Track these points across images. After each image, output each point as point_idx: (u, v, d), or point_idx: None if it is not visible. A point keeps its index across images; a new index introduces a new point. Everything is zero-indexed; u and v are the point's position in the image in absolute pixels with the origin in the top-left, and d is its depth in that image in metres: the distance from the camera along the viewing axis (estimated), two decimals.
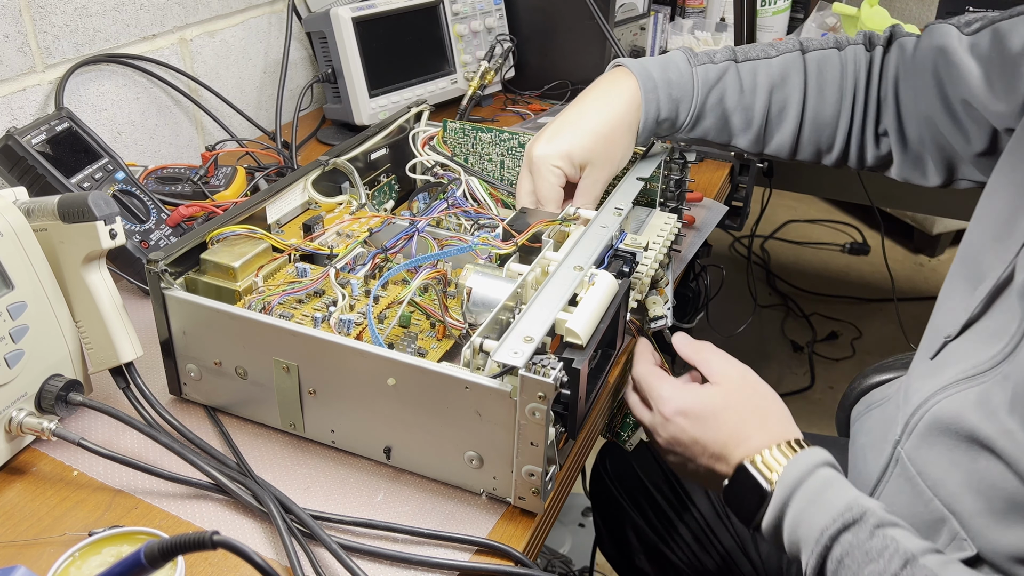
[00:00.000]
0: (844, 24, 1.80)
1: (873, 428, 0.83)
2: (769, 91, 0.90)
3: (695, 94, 0.89)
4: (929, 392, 0.71)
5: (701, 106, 0.89)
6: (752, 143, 0.93)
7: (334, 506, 0.67)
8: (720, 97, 0.90)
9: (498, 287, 0.73)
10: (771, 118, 0.91)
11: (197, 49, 1.26)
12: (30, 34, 1.02)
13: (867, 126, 0.92)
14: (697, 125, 0.91)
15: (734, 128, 0.91)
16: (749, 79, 0.90)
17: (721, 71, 0.90)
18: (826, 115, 0.91)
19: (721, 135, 0.92)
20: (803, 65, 0.91)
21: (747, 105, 0.90)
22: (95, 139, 0.93)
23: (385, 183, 1.00)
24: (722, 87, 0.90)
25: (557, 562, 1.57)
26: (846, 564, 0.62)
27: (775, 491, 0.67)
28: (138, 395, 0.71)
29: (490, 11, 1.47)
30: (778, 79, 0.90)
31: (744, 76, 0.90)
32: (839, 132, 0.92)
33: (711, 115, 0.90)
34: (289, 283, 0.78)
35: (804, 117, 0.91)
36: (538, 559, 0.70)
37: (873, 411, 0.85)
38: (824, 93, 0.91)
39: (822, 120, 0.92)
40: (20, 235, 0.67)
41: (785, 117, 0.91)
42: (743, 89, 0.90)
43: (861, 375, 0.99)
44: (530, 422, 0.60)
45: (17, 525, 0.65)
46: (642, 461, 1.11)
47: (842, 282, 2.74)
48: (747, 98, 0.90)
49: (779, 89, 0.90)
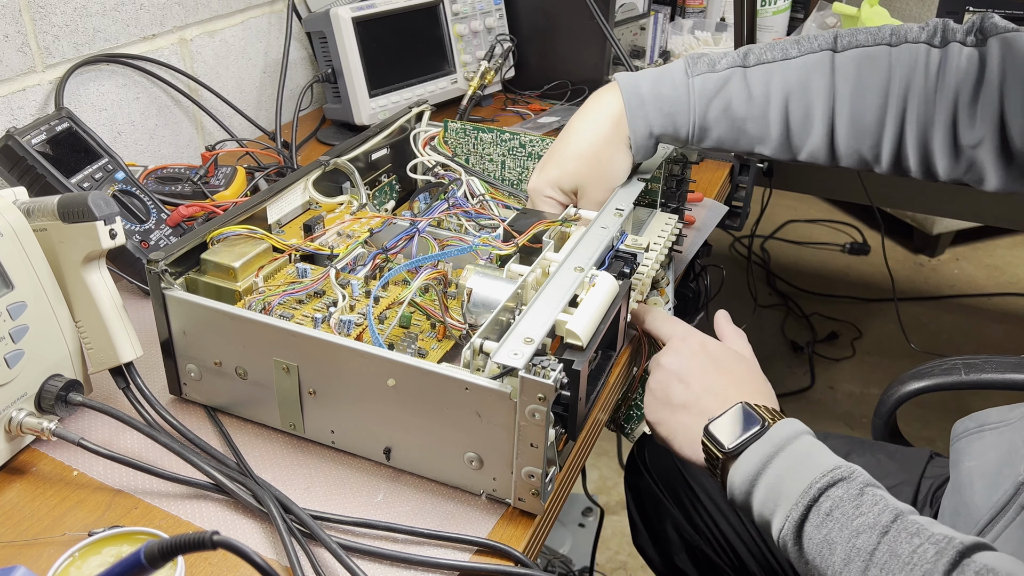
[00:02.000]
0: (844, 24, 1.80)
1: (986, 452, 0.79)
2: (785, 96, 0.82)
3: (692, 107, 0.82)
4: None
5: (702, 118, 0.83)
6: (779, 150, 0.85)
7: (334, 506, 0.67)
8: (724, 107, 0.82)
9: (498, 288, 0.73)
10: (793, 125, 0.83)
11: (197, 49, 1.26)
12: (30, 34, 1.02)
13: (933, 135, 0.80)
14: (705, 136, 0.84)
15: (751, 137, 0.84)
16: (759, 86, 0.82)
17: (723, 80, 0.82)
18: (867, 120, 0.81)
19: (739, 144, 0.85)
20: (832, 66, 0.81)
21: (759, 113, 0.82)
22: (95, 139, 0.93)
23: (386, 183, 1.00)
24: (725, 97, 0.82)
25: (557, 562, 1.57)
26: (835, 517, 0.61)
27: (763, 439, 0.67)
28: (138, 395, 0.71)
29: (490, 11, 1.47)
30: (796, 83, 0.82)
31: (753, 83, 0.82)
32: (886, 140, 0.81)
33: (719, 126, 0.83)
34: (289, 283, 0.78)
35: (835, 123, 0.82)
36: (538, 559, 0.70)
37: (986, 433, 0.81)
38: (864, 97, 0.80)
39: (862, 126, 0.81)
40: (20, 235, 0.67)
41: (811, 123, 0.82)
42: (752, 96, 0.82)
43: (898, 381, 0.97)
44: (530, 423, 0.60)
45: (17, 525, 0.65)
46: None
47: (842, 282, 2.74)
48: (758, 106, 0.82)
49: (798, 94, 0.81)
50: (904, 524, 0.59)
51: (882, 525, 0.59)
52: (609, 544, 1.81)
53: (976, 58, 0.77)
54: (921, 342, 2.41)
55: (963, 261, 2.90)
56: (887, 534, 0.59)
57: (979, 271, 2.84)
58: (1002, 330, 2.55)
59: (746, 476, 0.67)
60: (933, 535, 0.57)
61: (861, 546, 0.59)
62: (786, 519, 0.63)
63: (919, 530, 0.58)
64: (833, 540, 0.61)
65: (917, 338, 2.42)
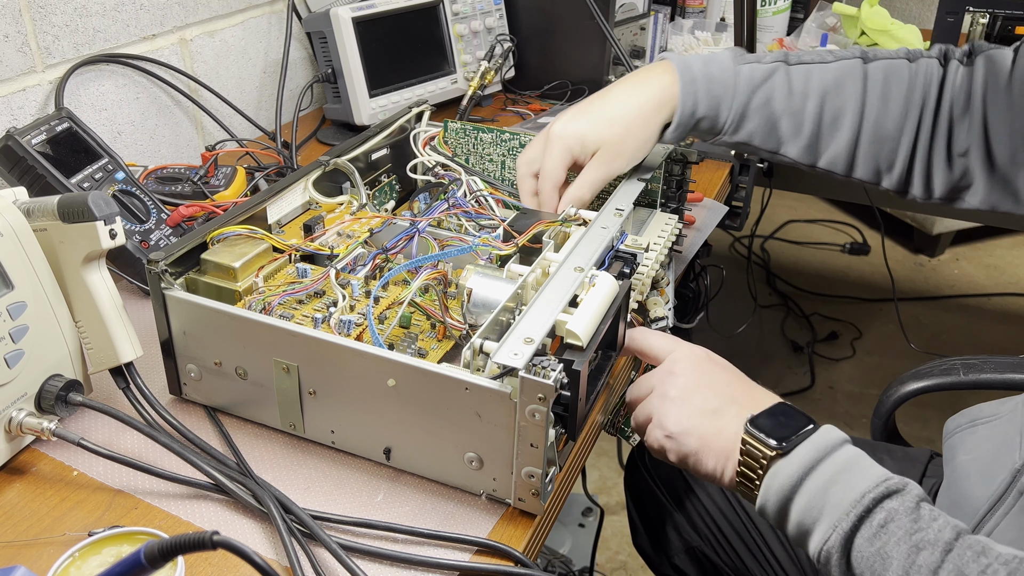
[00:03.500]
0: (844, 24, 1.80)
1: (980, 446, 0.78)
2: (822, 96, 0.85)
3: (736, 92, 0.84)
4: None
5: (744, 106, 0.85)
6: (803, 152, 0.87)
7: (334, 506, 0.67)
8: (766, 99, 0.85)
9: (498, 288, 0.73)
10: (824, 126, 0.86)
11: (197, 49, 1.26)
12: (30, 34, 1.02)
13: (936, 145, 0.86)
14: (741, 127, 0.86)
15: (783, 134, 0.86)
16: (800, 82, 0.85)
17: (769, 71, 0.85)
18: (888, 128, 0.85)
19: (768, 140, 0.87)
20: (863, 72, 0.86)
21: (796, 109, 0.85)
22: (95, 139, 0.93)
23: (386, 183, 1.00)
24: (769, 88, 0.85)
25: (557, 562, 1.57)
26: (890, 530, 0.57)
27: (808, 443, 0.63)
28: (138, 395, 0.71)
29: (490, 11, 1.47)
30: (832, 85, 0.85)
31: (794, 79, 0.85)
32: (901, 149, 0.86)
33: (756, 117, 0.85)
34: (289, 283, 0.78)
35: (862, 128, 0.86)
36: (538, 559, 0.70)
37: (979, 428, 0.81)
38: (888, 105, 0.85)
39: (883, 133, 0.85)
40: (20, 235, 0.67)
41: (840, 126, 0.85)
42: (792, 92, 0.85)
43: (898, 381, 0.97)
44: (530, 423, 0.60)
45: (17, 525, 0.65)
46: None
47: (842, 282, 2.74)
48: (796, 102, 0.85)
49: (833, 95, 0.85)
50: (968, 543, 0.56)
51: (945, 542, 0.56)
52: (609, 544, 1.81)
53: (966, 74, 0.85)
54: (921, 342, 2.41)
55: (963, 261, 2.90)
56: (951, 552, 0.56)
57: (979, 271, 2.84)
58: (1002, 330, 2.55)
59: (787, 481, 0.62)
60: (1001, 555, 0.55)
61: (923, 563, 0.56)
62: (833, 529, 0.59)
63: (985, 549, 0.56)
64: (888, 554, 0.57)
65: (917, 338, 2.42)
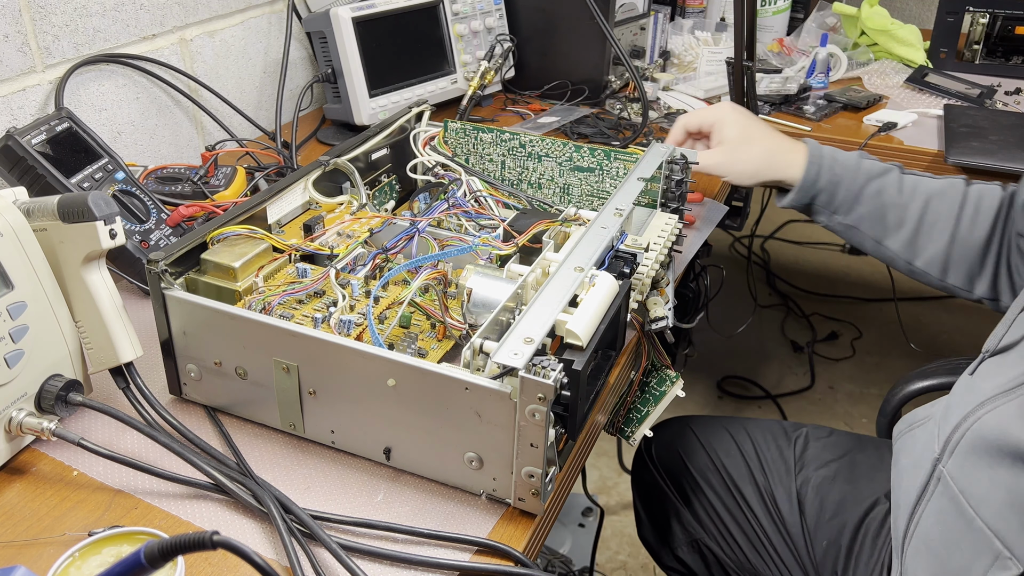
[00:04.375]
0: (844, 24, 1.80)
1: (915, 447, 0.82)
2: (926, 200, 0.97)
3: (857, 177, 0.99)
4: (968, 408, 0.71)
5: (860, 191, 0.99)
6: (904, 247, 0.99)
7: (334, 506, 0.67)
8: (879, 190, 0.98)
9: (498, 288, 0.73)
10: (924, 226, 0.97)
11: (197, 49, 1.26)
12: (30, 34, 1.02)
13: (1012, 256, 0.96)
14: (853, 209, 1.00)
15: (888, 224, 0.99)
16: (909, 185, 0.99)
17: (885, 169, 1.00)
18: (977, 237, 0.96)
19: (875, 228, 1.00)
20: (964, 188, 0.98)
21: (903, 205, 0.98)
22: (95, 139, 0.93)
23: (386, 183, 1.00)
24: (882, 182, 0.99)
25: (557, 562, 1.57)
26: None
27: None
28: (138, 395, 0.71)
29: (490, 11, 1.47)
30: (936, 192, 0.98)
31: (905, 181, 0.99)
32: (990, 257, 0.96)
33: (868, 204, 0.99)
34: (289, 283, 0.78)
35: (956, 234, 0.96)
36: (538, 559, 0.70)
37: (915, 430, 0.84)
38: (979, 217, 0.96)
39: (974, 242, 0.96)
40: (20, 235, 0.67)
41: (937, 229, 0.97)
42: (902, 191, 0.98)
43: (903, 380, 1.00)
44: (530, 423, 0.60)
45: (17, 525, 0.65)
46: (689, 447, 1.11)
47: (842, 282, 2.74)
48: (904, 199, 0.98)
49: (936, 201, 0.97)
50: None
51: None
52: (609, 544, 1.81)
53: None
54: (921, 342, 2.41)
55: None
56: None
57: None
58: None
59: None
60: None
61: None
62: None
63: None
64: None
65: (917, 338, 2.42)
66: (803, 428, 1.11)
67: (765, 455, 1.07)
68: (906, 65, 1.71)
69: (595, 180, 0.98)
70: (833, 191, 1.00)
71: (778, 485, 1.05)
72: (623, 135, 1.36)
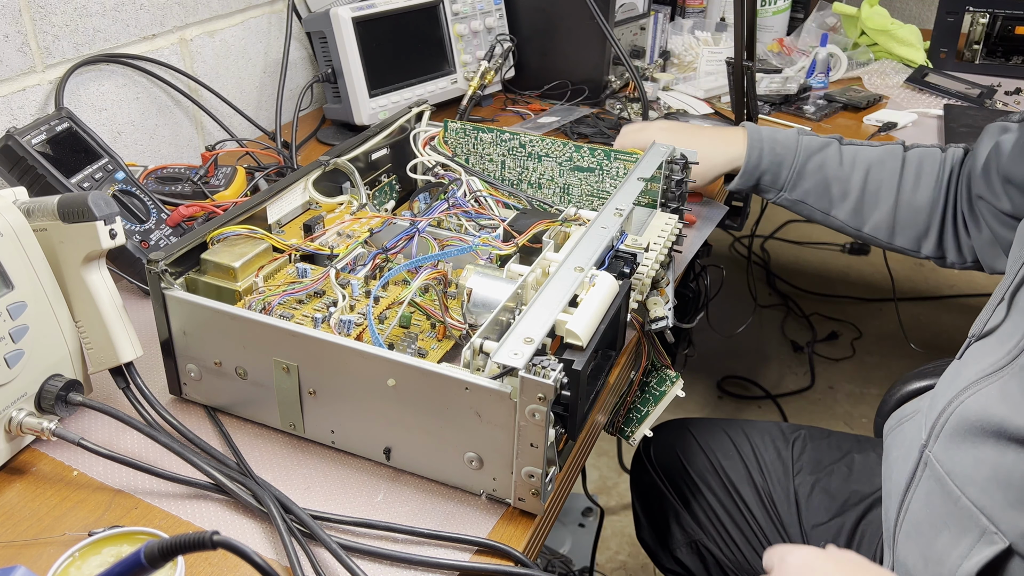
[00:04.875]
0: (844, 24, 1.80)
1: (904, 441, 0.83)
2: (866, 169, 1.02)
3: (797, 155, 1.03)
4: (953, 393, 0.72)
5: (802, 167, 1.03)
6: (851, 215, 1.04)
7: (334, 506, 0.67)
8: (820, 164, 1.03)
9: (498, 288, 0.73)
10: (867, 195, 1.02)
11: (197, 49, 1.26)
12: (30, 34, 1.02)
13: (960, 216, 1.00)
14: (798, 185, 1.04)
15: (833, 196, 1.04)
16: (849, 156, 1.03)
17: (824, 143, 1.04)
18: (921, 200, 1.01)
19: (821, 201, 1.04)
20: (902, 154, 1.03)
21: (845, 177, 1.03)
22: (95, 139, 0.93)
23: (386, 183, 1.00)
24: (823, 157, 1.03)
25: (557, 562, 1.57)
26: None
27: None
28: (138, 395, 0.71)
29: (490, 11, 1.47)
30: (876, 161, 1.03)
31: (845, 153, 1.04)
32: (935, 218, 1.01)
33: (811, 179, 1.03)
34: (289, 283, 0.78)
35: (899, 199, 1.02)
36: (538, 559, 0.70)
37: (904, 424, 0.86)
38: (920, 180, 1.01)
39: (917, 204, 1.01)
40: (20, 235, 0.67)
41: (880, 196, 1.02)
42: (842, 163, 1.03)
43: (901, 381, 1.01)
44: (530, 423, 0.60)
45: (17, 525, 0.65)
46: (687, 450, 1.11)
47: (842, 282, 2.74)
48: (845, 171, 1.03)
49: (876, 169, 1.02)
50: None
51: None
52: (609, 544, 1.81)
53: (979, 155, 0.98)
54: (921, 342, 2.41)
55: None
56: None
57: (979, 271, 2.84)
58: None
59: None
60: None
61: None
62: None
63: None
64: None
65: (917, 338, 2.42)
66: (801, 430, 1.11)
67: (763, 457, 1.08)
68: (906, 65, 1.71)
69: (595, 180, 0.98)
70: (776, 171, 1.04)
71: (776, 487, 1.05)
72: None
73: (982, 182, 0.94)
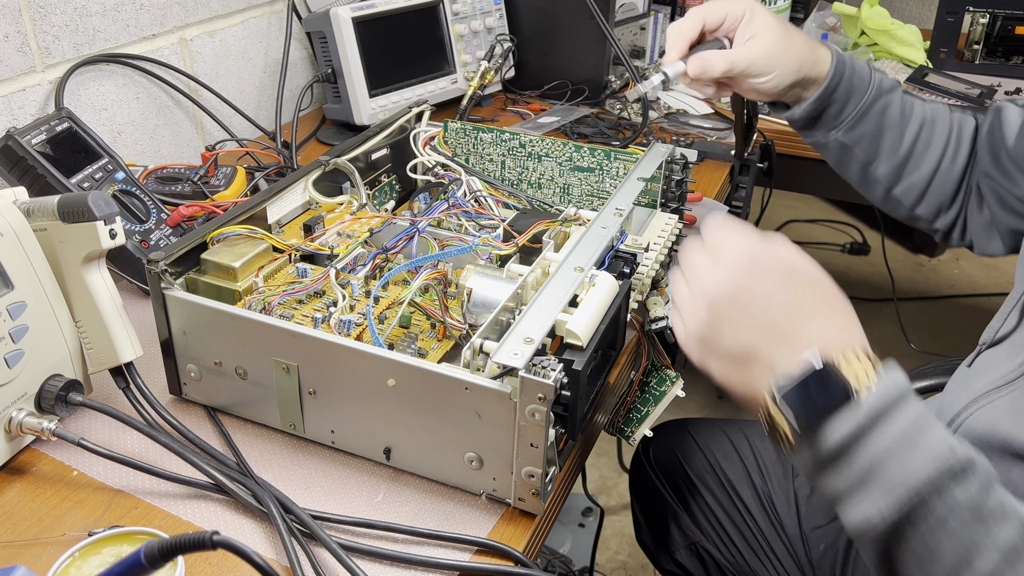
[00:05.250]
0: (844, 24, 1.80)
1: None
2: (920, 124, 0.92)
3: (870, 89, 0.91)
4: (962, 404, 0.70)
5: (869, 105, 0.91)
6: (892, 171, 0.94)
7: (334, 506, 0.67)
8: (884, 108, 0.92)
9: (498, 288, 0.73)
10: (915, 153, 0.93)
11: (197, 49, 1.26)
12: (30, 34, 1.02)
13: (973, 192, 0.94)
14: (857, 126, 0.92)
15: (882, 148, 0.93)
16: (908, 106, 0.93)
17: (892, 85, 0.93)
18: (957, 170, 0.93)
19: (869, 150, 0.93)
20: (949, 116, 0.94)
21: (901, 128, 0.92)
22: (95, 139, 0.93)
23: (386, 183, 1.00)
24: (888, 99, 0.92)
25: (557, 562, 1.57)
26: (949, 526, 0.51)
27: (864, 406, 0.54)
28: (138, 395, 0.71)
29: (490, 11, 1.47)
30: (929, 117, 0.93)
31: (906, 102, 0.93)
32: (961, 191, 0.94)
33: (871, 122, 0.92)
34: (289, 283, 0.78)
35: (941, 165, 0.93)
36: (538, 559, 0.70)
37: None
38: (960, 149, 0.93)
39: (953, 174, 0.93)
40: (20, 235, 0.67)
41: (926, 158, 0.93)
42: (903, 112, 0.92)
43: None
44: (530, 423, 0.60)
45: (17, 525, 0.65)
46: (687, 451, 1.11)
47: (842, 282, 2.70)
48: (903, 122, 0.92)
49: (928, 127, 0.93)
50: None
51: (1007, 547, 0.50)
52: (609, 544, 1.81)
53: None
54: (921, 342, 2.41)
55: (963, 261, 2.89)
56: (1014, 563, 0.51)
57: (979, 271, 2.84)
58: None
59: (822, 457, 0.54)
60: None
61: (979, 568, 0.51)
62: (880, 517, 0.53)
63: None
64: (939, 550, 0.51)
65: (917, 338, 2.42)
66: None
67: (763, 458, 1.07)
68: (906, 65, 1.71)
69: (595, 180, 0.98)
70: (845, 102, 0.91)
71: (776, 488, 1.04)
72: (623, 135, 1.36)
73: (989, 161, 0.89)
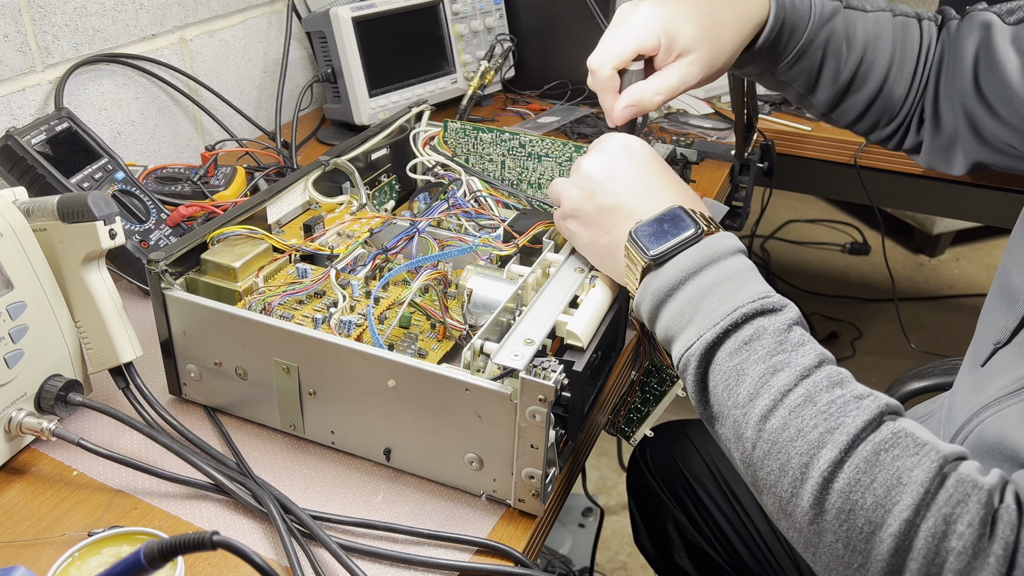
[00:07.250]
0: None
1: None
2: (863, 49, 0.85)
3: (811, 22, 0.82)
4: (973, 410, 0.69)
5: (810, 41, 0.83)
6: (829, 100, 0.87)
7: (334, 506, 0.67)
8: (826, 40, 0.84)
9: (499, 288, 0.73)
10: (856, 80, 0.86)
11: (197, 49, 1.26)
12: (30, 34, 1.02)
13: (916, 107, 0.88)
14: (796, 64, 0.84)
15: (822, 80, 0.85)
16: (852, 29, 0.84)
17: (834, 10, 0.84)
18: (899, 91, 0.86)
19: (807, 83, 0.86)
20: (892, 30, 0.86)
21: (842, 59, 0.84)
22: (95, 139, 0.93)
23: (386, 183, 1.00)
24: (831, 28, 0.83)
25: (557, 562, 1.57)
26: (753, 347, 0.57)
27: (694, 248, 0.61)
28: (138, 395, 0.71)
29: (490, 11, 1.47)
30: (872, 37, 0.85)
31: (849, 24, 0.84)
32: (903, 110, 0.87)
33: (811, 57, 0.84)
34: (289, 284, 0.78)
35: (882, 89, 0.86)
36: (538, 559, 0.70)
37: None
38: (903, 67, 0.86)
39: (895, 95, 0.87)
40: (20, 235, 0.67)
41: (867, 82, 0.86)
42: (847, 40, 0.84)
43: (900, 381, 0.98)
44: (530, 424, 0.60)
45: (17, 525, 0.65)
46: (684, 453, 1.10)
47: (842, 282, 2.74)
48: (844, 51, 0.84)
49: (870, 49, 0.85)
50: (828, 372, 0.55)
51: (803, 367, 0.55)
52: (609, 544, 1.81)
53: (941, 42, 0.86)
54: (921, 342, 2.41)
55: (963, 261, 2.90)
56: (807, 378, 0.55)
57: (979, 271, 2.84)
58: None
59: (664, 285, 0.61)
60: (856, 390, 0.55)
61: (776, 384, 0.55)
62: (697, 338, 0.58)
63: (842, 380, 0.55)
64: (744, 371, 0.56)
65: (917, 338, 2.42)
66: None
67: None
68: None
69: None
70: (786, 43, 0.83)
71: None
72: None
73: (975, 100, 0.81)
